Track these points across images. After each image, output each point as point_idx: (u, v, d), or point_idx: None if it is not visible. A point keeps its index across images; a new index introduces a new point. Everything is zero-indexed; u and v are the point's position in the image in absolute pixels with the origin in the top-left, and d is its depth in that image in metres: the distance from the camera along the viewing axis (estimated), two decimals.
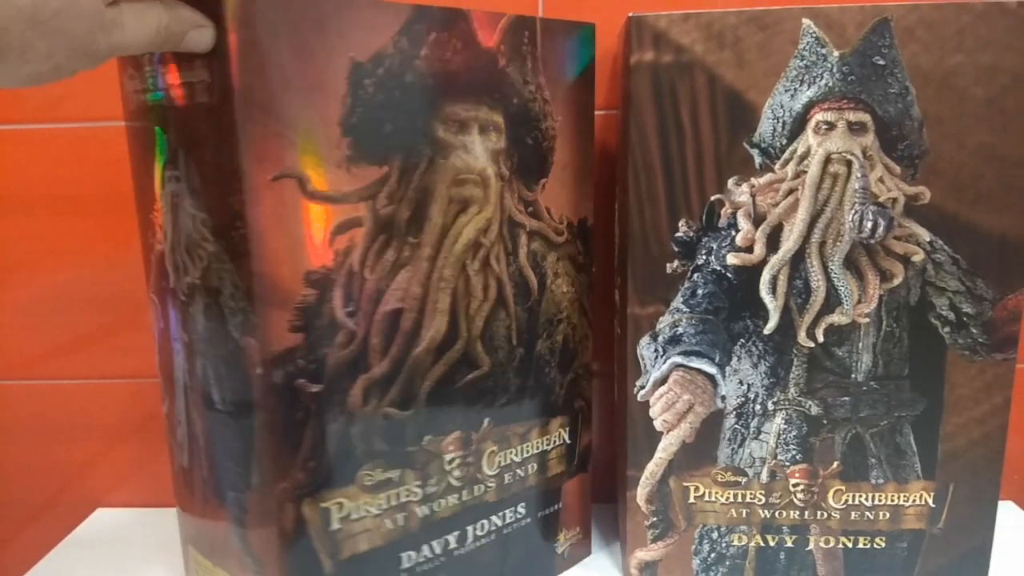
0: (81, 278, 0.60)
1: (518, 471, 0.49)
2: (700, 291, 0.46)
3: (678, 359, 0.47)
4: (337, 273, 0.38)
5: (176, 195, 0.38)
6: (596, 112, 0.56)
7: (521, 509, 0.50)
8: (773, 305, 0.45)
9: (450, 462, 0.45)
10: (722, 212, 0.45)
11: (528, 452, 0.49)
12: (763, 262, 0.45)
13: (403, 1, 0.38)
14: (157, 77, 0.37)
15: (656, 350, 0.47)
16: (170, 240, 0.39)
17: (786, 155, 0.44)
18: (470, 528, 0.47)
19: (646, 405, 0.48)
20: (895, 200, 0.44)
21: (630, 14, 0.44)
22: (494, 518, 0.48)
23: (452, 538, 0.46)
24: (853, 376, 0.46)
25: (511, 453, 0.48)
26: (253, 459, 0.38)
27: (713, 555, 0.50)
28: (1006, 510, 0.61)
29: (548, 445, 0.50)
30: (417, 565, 0.45)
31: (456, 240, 0.42)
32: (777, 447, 0.47)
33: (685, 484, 0.49)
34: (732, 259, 0.45)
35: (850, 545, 0.49)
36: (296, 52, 0.35)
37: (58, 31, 0.28)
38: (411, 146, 0.40)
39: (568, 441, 0.52)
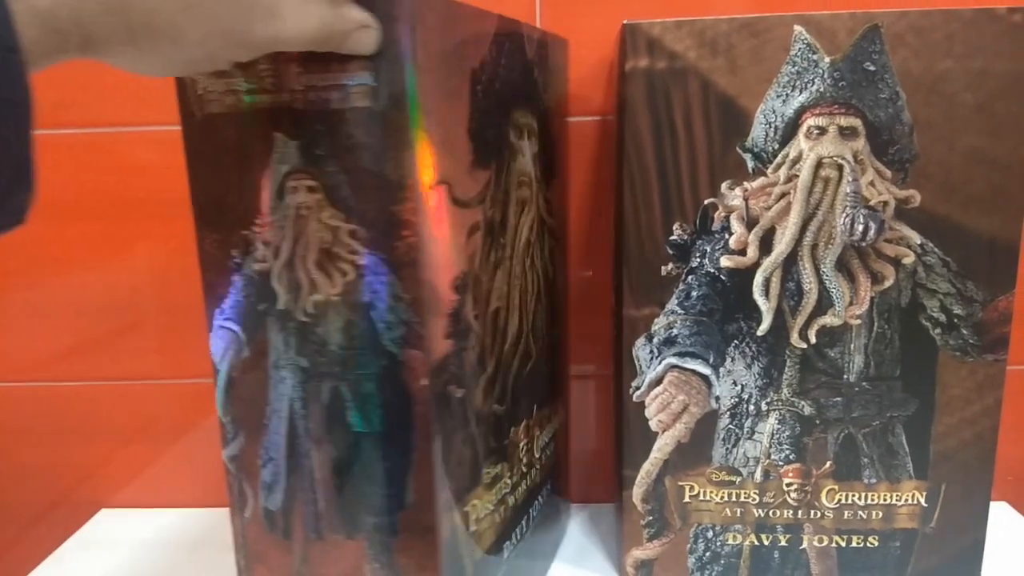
0: (84, 283, 0.61)
1: (546, 451, 0.53)
2: (694, 293, 0.47)
3: (673, 360, 0.47)
4: (468, 277, 0.39)
5: (306, 206, 0.36)
6: (594, 118, 0.57)
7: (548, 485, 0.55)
8: (766, 307, 0.46)
9: (522, 449, 0.48)
10: (716, 215, 0.46)
11: (550, 433, 0.53)
12: (756, 264, 0.46)
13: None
14: (283, 78, 0.35)
15: (651, 351, 0.48)
16: (285, 257, 0.36)
17: (778, 159, 0.45)
18: (531, 510, 0.50)
19: (641, 405, 0.48)
20: (886, 203, 0.44)
21: (624, 21, 0.45)
22: (539, 498, 0.52)
23: (524, 523, 0.49)
24: (845, 377, 0.47)
25: (544, 435, 0.52)
26: (410, 475, 0.37)
27: (708, 554, 0.50)
28: (999, 511, 0.61)
29: (557, 425, 0.55)
30: (511, 554, 0.47)
31: (520, 238, 0.45)
32: (771, 447, 0.48)
33: (680, 483, 0.49)
34: (726, 262, 0.46)
35: (843, 544, 0.49)
36: (443, 58, 0.35)
37: (211, 16, 0.27)
38: (500, 150, 0.42)
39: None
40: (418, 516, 0.38)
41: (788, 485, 0.48)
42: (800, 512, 0.49)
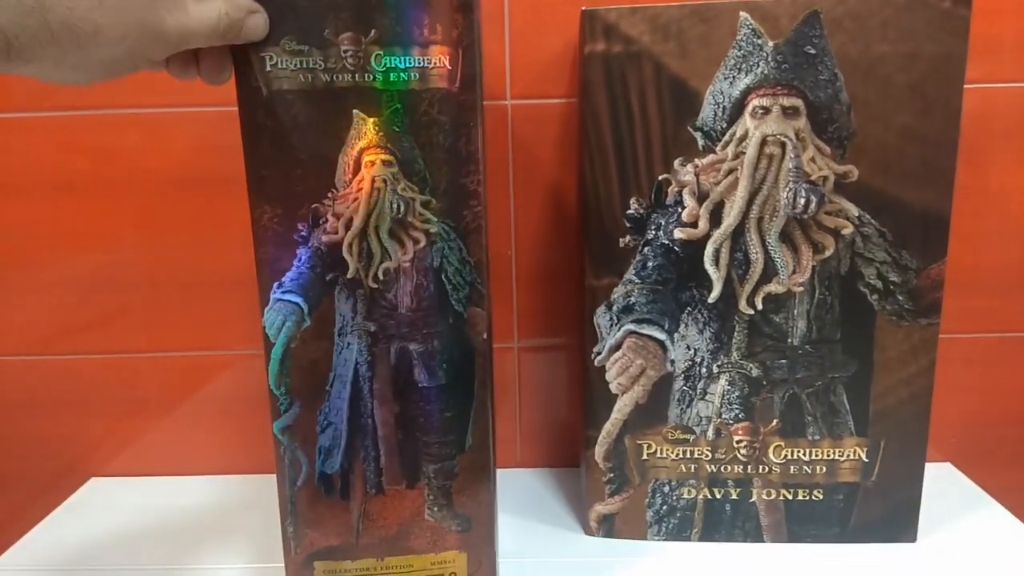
0: (75, 260, 0.63)
1: None
2: (650, 264, 0.50)
3: (631, 326, 0.51)
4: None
5: (382, 179, 0.39)
6: (561, 100, 0.60)
7: None
8: (716, 276, 0.49)
9: None
10: (669, 190, 0.49)
11: None
12: (707, 236, 0.49)
13: None
14: (365, 60, 0.37)
15: (611, 319, 0.51)
16: (358, 227, 0.39)
17: (726, 138, 0.48)
18: None
19: (602, 370, 0.52)
20: (826, 178, 0.48)
21: (583, 8, 0.48)
22: None
23: None
24: (789, 340, 0.50)
25: None
26: (471, 422, 0.42)
27: (665, 507, 0.54)
28: (944, 471, 0.65)
29: None
30: None
31: None
32: (722, 407, 0.51)
33: (639, 442, 0.53)
34: (679, 234, 0.49)
35: (790, 497, 0.53)
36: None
37: (123, 8, 0.29)
38: None
39: None
40: (475, 457, 0.42)
41: (738, 442, 0.52)
42: (749, 467, 0.52)
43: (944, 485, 0.62)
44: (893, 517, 0.53)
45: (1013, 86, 0.59)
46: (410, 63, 0.37)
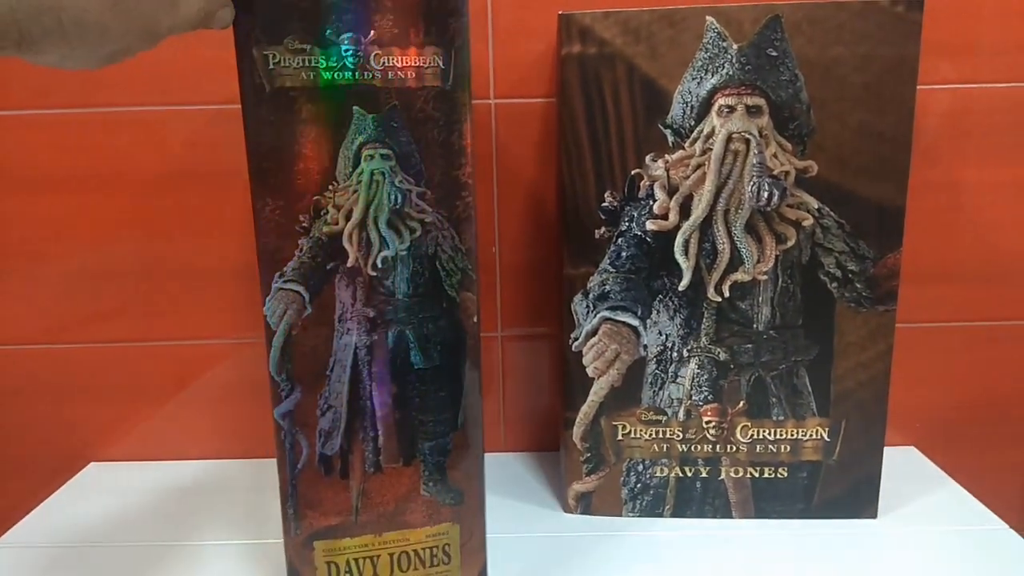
0: (75, 252, 0.66)
1: None
2: (624, 253, 0.53)
3: (606, 313, 0.53)
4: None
5: (380, 171, 0.41)
6: (542, 99, 0.63)
7: None
8: (686, 265, 0.52)
9: None
10: (641, 184, 0.52)
11: None
12: (677, 228, 0.52)
13: None
14: (364, 58, 0.40)
15: (587, 306, 0.54)
16: (357, 218, 0.41)
17: (694, 135, 0.51)
18: None
19: (580, 355, 0.55)
20: (787, 173, 0.51)
21: (560, 12, 0.50)
22: None
23: None
24: (755, 326, 0.53)
25: None
26: (463, 401, 0.44)
27: (639, 485, 0.57)
28: (908, 454, 0.68)
29: None
30: None
31: None
32: (692, 389, 0.54)
33: (614, 423, 0.56)
34: (651, 225, 0.52)
35: (757, 475, 0.56)
36: None
37: (131, 12, 0.31)
38: None
39: None
40: (467, 434, 0.45)
41: (707, 423, 0.55)
42: (718, 447, 0.55)
43: (907, 467, 0.65)
44: (855, 494, 0.56)
45: (983, 86, 0.62)
46: (407, 62, 0.40)
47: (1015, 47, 0.60)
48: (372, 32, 0.40)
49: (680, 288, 0.53)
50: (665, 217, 0.52)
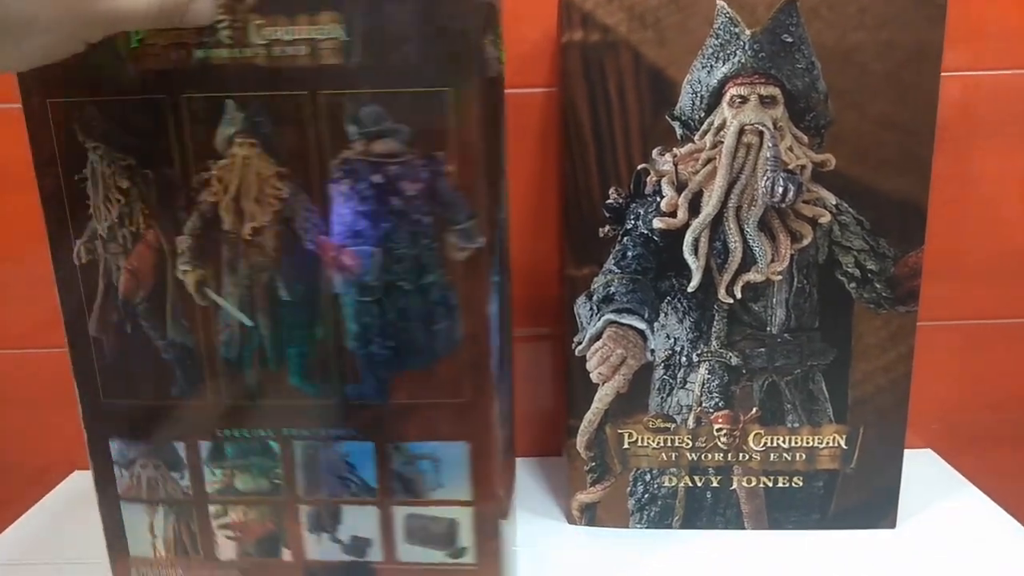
0: None
1: None
2: (630, 253, 0.50)
3: (611, 316, 0.51)
4: None
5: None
6: (542, 89, 0.60)
7: None
8: (695, 265, 0.49)
9: None
10: (648, 180, 0.49)
11: None
12: (686, 226, 0.49)
13: None
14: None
15: (591, 308, 0.51)
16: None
17: (704, 127, 0.48)
18: None
19: (584, 359, 0.52)
20: (803, 167, 0.48)
21: None
22: None
23: None
24: (768, 329, 0.50)
25: None
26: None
27: (646, 496, 0.54)
28: (924, 457, 0.65)
29: None
30: None
31: None
32: (702, 395, 0.52)
33: (620, 431, 0.53)
34: (658, 223, 0.49)
35: (770, 484, 0.53)
36: None
37: None
38: None
39: None
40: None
41: (718, 430, 0.52)
42: (730, 455, 0.53)
43: (924, 471, 0.63)
44: (873, 503, 0.53)
45: (994, 73, 0.59)
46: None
47: None
48: None
49: (689, 289, 0.50)
50: (673, 214, 0.49)
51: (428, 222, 0.41)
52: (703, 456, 0.53)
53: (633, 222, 0.50)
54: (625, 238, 0.50)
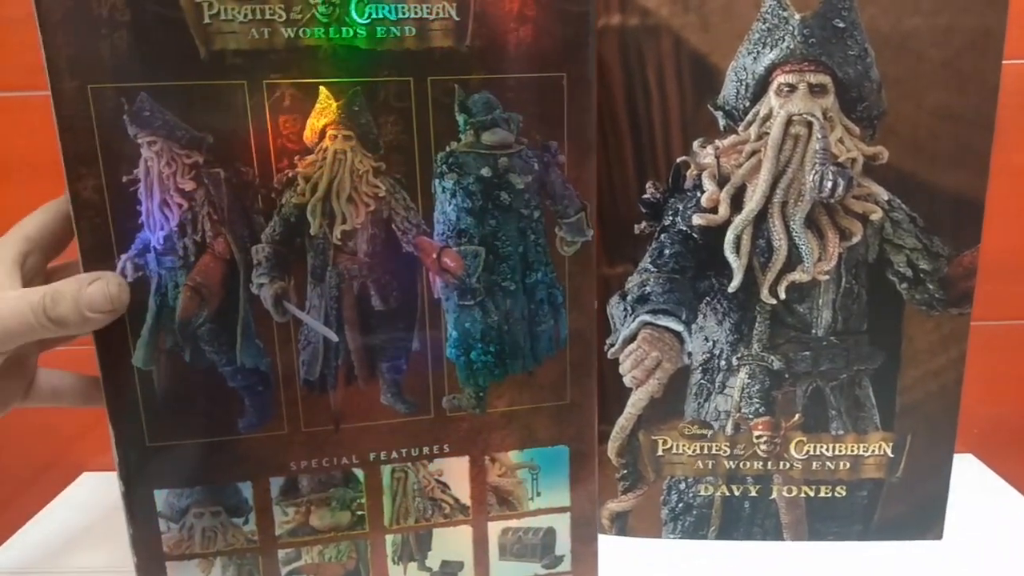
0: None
1: None
2: (667, 251, 0.47)
3: (646, 317, 0.48)
4: None
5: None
6: None
7: None
8: (737, 264, 0.47)
9: None
10: (688, 174, 0.46)
11: None
12: (727, 222, 0.46)
13: None
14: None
15: (625, 309, 0.48)
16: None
17: (749, 117, 0.45)
18: None
19: (616, 362, 0.49)
20: (854, 160, 0.45)
21: None
22: None
23: None
24: (813, 331, 0.48)
25: None
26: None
27: (681, 505, 0.52)
28: (965, 462, 0.63)
29: None
30: None
31: None
32: (741, 401, 0.49)
33: (653, 437, 0.50)
34: (697, 220, 0.47)
35: (812, 494, 0.51)
36: None
37: None
38: None
39: None
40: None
41: (758, 438, 0.50)
42: (769, 463, 0.50)
43: (967, 477, 0.60)
44: (918, 514, 0.51)
45: None
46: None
47: None
48: None
49: (730, 290, 0.47)
50: (714, 210, 0.46)
51: (537, 216, 0.39)
52: (741, 464, 0.50)
53: (671, 218, 0.47)
54: (662, 235, 0.47)
